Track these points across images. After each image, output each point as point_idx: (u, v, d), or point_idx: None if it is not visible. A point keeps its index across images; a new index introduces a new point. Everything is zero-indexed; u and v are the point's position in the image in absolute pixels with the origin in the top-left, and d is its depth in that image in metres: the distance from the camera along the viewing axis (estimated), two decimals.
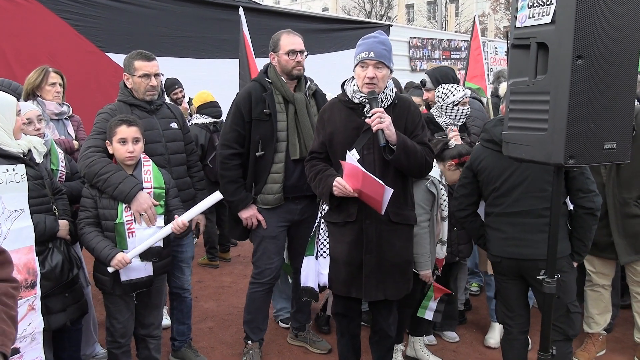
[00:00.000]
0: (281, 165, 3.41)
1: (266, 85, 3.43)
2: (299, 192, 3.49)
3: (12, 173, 2.44)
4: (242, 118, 3.37)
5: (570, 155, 2.06)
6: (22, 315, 2.41)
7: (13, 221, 2.41)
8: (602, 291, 3.70)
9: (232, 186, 3.41)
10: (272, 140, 3.39)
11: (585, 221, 2.87)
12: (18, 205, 2.44)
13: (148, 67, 3.17)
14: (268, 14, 7.80)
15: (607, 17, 2.00)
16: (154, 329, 3.18)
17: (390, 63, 2.88)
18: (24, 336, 2.43)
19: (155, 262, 2.95)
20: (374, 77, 2.79)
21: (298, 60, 3.42)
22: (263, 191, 3.44)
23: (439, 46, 10.74)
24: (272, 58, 3.49)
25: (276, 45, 3.45)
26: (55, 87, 3.75)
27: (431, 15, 34.60)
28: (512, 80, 2.29)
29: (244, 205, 3.44)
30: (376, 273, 2.94)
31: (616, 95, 2.10)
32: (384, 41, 2.88)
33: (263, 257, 3.55)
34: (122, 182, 2.84)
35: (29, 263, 2.47)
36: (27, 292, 2.45)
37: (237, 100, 3.44)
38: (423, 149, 2.88)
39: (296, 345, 3.92)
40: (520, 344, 3.06)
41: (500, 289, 3.09)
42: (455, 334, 4.06)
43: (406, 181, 2.99)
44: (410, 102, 3.04)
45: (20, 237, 2.43)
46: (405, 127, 2.91)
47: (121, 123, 2.89)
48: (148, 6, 6.49)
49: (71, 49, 5.88)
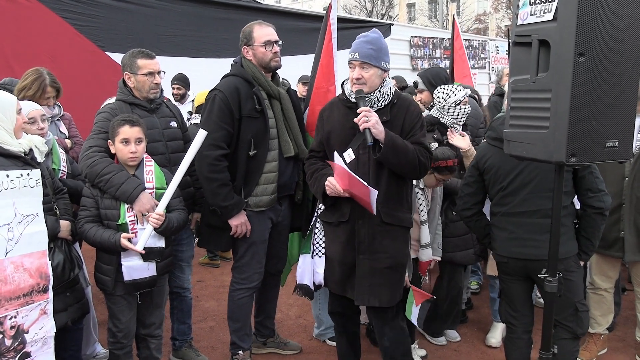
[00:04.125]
0: (275, 164, 3.29)
1: (251, 81, 3.24)
2: (288, 191, 3.44)
3: (27, 178, 2.44)
4: (231, 115, 3.15)
5: (572, 154, 2.04)
6: (34, 319, 2.41)
7: (26, 225, 2.41)
8: (605, 294, 3.69)
9: (224, 190, 3.15)
10: (265, 139, 3.24)
11: (595, 220, 2.86)
12: (32, 210, 2.45)
13: (152, 65, 3.16)
14: (268, 13, 7.78)
15: (610, 14, 1.99)
16: (155, 328, 3.17)
17: (378, 62, 2.82)
18: (35, 340, 2.42)
19: (158, 262, 2.94)
20: (361, 78, 2.82)
21: (275, 51, 3.27)
22: (255, 193, 3.27)
23: (440, 45, 10.71)
24: (246, 52, 3.30)
25: (249, 38, 3.27)
26: (49, 100, 3.58)
27: (432, 14, 34.57)
28: (513, 78, 2.28)
29: (239, 210, 3.22)
30: (369, 277, 2.89)
31: (618, 93, 2.09)
32: (372, 40, 2.85)
33: (252, 262, 3.38)
34: (125, 183, 2.83)
35: (41, 267, 2.47)
36: (40, 296, 2.45)
37: (222, 96, 3.16)
38: (417, 149, 2.82)
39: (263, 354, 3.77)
40: (524, 343, 3.05)
41: (505, 289, 3.07)
42: (456, 333, 4.05)
43: (402, 182, 2.93)
44: (410, 102, 2.98)
45: (33, 241, 2.43)
46: (403, 126, 2.88)
47: (124, 123, 2.88)
48: (148, 5, 6.47)
49: (71, 49, 5.87)
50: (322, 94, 3.74)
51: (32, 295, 2.41)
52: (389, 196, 2.86)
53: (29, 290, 2.39)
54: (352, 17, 12.74)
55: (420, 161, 2.82)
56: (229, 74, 3.32)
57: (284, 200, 3.45)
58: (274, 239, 3.50)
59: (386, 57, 2.89)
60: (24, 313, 2.37)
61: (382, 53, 2.85)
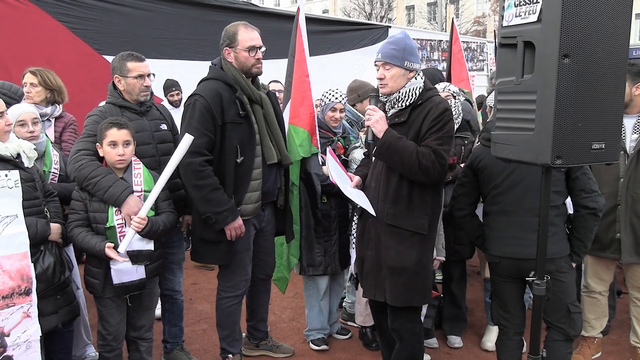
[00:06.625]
0: (259, 171, 3.21)
1: (233, 85, 3.13)
2: (270, 198, 3.40)
3: (5, 179, 2.44)
4: (213, 122, 3.03)
5: (558, 156, 2.03)
6: (16, 322, 2.41)
7: (5, 227, 2.41)
8: (599, 297, 3.67)
9: (216, 194, 3.02)
10: (251, 145, 3.15)
11: (588, 221, 2.86)
12: (11, 211, 2.44)
13: (142, 68, 3.16)
14: (266, 16, 7.79)
15: (594, 15, 1.98)
16: (145, 331, 3.17)
17: (401, 62, 2.82)
18: (17, 344, 2.41)
19: (147, 265, 2.93)
20: (383, 78, 2.86)
21: (258, 58, 3.18)
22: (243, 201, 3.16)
23: (437, 47, 10.71)
24: (227, 53, 3.18)
25: (233, 39, 3.15)
26: (26, 87, 3.60)
27: (431, 17, 34.57)
28: (499, 79, 2.27)
29: (235, 217, 3.09)
30: (375, 273, 2.93)
31: (605, 94, 2.08)
32: (396, 40, 2.89)
33: (237, 270, 3.31)
34: (112, 186, 2.82)
35: (22, 269, 2.46)
36: (22, 298, 2.44)
37: (204, 102, 3.03)
38: (420, 152, 2.73)
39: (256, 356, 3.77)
40: (515, 345, 3.05)
41: (496, 290, 3.07)
42: (459, 339, 3.99)
43: (415, 185, 2.84)
44: (434, 105, 2.82)
45: (13, 243, 2.42)
46: (420, 129, 2.81)
47: (111, 126, 2.88)
48: (145, 8, 6.47)
49: (68, 52, 5.85)
50: (299, 83, 3.77)
51: (13, 297, 2.40)
52: (398, 199, 2.84)
53: (9, 292, 2.38)
54: (349, 20, 12.75)
55: (421, 164, 2.72)
56: (209, 77, 3.21)
57: (266, 207, 3.41)
58: (260, 245, 3.46)
59: (411, 56, 2.85)
60: (4, 315, 2.35)
61: (405, 53, 2.83)
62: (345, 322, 4.30)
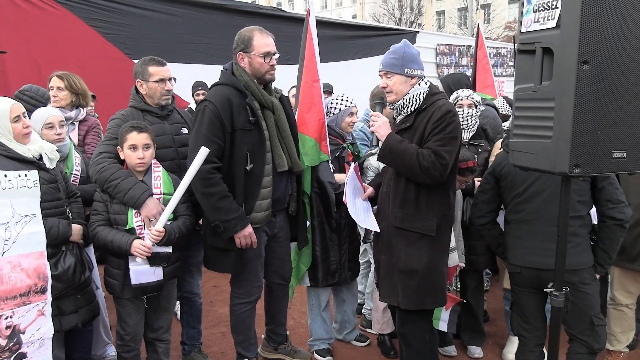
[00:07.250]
0: (269, 179, 3.16)
1: (243, 90, 3.08)
2: (281, 206, 3.38)
3: (25, 178, 2.49)
4: (222, 128, 2.98)
5: (576, 164, 1.98)
6: (31, 320, 2.46)
7: (24, 226, 2.46)
8: (626, 310, 3.57)
9: (225, 202, 2.97)
10: (261, 152, 3.09)
11: (614, 232, 2.81)
12: (29, 211, 2.49)
13: (163, 72, 3.21)
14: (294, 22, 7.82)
15: (614, 21, 1.93)
16: (162, 332, 3.21)
17: (401, 69, 2.88)
18: (31, 341, 2.46)
19: (165, 267, 2.97)
20: (386, 86, 2.95)
21: (272, 64, 3.14)
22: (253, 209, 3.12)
23: (466, 53, 10.56)
24: (241, 58, 3.13)
25: (248, 44, 3.10)
26: (53, 90, 3.69)
27: (462, 22, 34.20)
28: (518, 86, 2.23)
29: (244, 225, 3.03)
30: (389, 276, 2.97)
31: (625, 102, 2.02)
32: (395, 49, 2.95)
33: (250, 277, 3.29)
34: (132, 188, 2.87)
35: (39, 268, 2.51)
36: (37, 297, 2.49)
37: (213, 108, 2.98)
38: (421, 154, 2.74)
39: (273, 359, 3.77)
40: (536, 357, 3.01)
41: (517, 301, 3.02)
42: (479, 349, 3.90)
43: (423, 188, 2.87)
44: (437, 108, 2.83)
45: (30, 241, 2.48)
46: (424, 132, 2.85)
47: (132, 130, 2.93)
48: (174, 14, 6.58)
49: (99, 56, 6.00)
50: (307, 88, 3.71)
51: (29, 295, 2.45)
52: (405, 201, 2.89)
53: (26, 290, 2.44)
54: (376, 25, 12.71)
55: (422, 165, 2.73)
56: (219, 83, 3.17)
57: (278, 213, 3.38)
58: (274, 252, 3.44)
59: (411, 63, 2.89)
60: (20, 313, 2.40)
61: (405, 60, 2.89)
62: (364, 329, 4.27)
